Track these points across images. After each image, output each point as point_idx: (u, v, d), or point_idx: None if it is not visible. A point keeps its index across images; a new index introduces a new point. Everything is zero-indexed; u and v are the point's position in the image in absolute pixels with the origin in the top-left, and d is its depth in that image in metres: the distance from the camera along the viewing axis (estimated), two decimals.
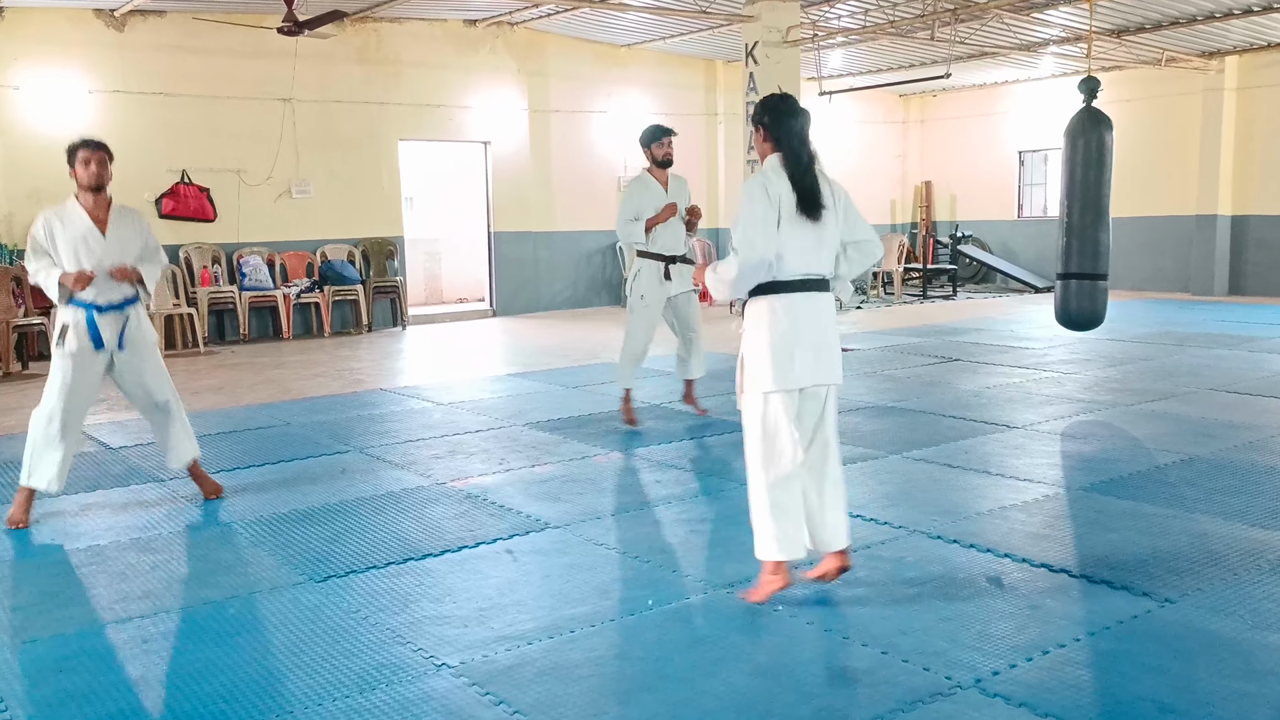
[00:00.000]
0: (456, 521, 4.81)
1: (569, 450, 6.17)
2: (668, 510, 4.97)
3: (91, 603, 3.90)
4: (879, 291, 16.49)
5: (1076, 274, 8.42)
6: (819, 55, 13.84)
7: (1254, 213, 14.69)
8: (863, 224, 3.81)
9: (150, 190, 11.26)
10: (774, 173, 3.65)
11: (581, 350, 10.51)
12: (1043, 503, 4.92)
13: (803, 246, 3.62)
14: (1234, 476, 5.29)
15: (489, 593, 3.91)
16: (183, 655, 3.42)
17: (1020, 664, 3.22)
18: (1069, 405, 7.23)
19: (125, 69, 11.09)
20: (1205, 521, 4.56)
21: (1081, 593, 3.80)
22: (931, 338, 11.01)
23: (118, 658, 3.41)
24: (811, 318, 3.66)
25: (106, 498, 5.33)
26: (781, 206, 3.58)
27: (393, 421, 7.16)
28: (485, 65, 13.62)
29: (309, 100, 12.23)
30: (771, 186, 3.60)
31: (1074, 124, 8.37)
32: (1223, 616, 3.54)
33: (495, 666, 3.27)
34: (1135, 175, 14.81)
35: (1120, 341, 10.30)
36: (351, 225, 12.74)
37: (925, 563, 4.12)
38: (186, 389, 8.50)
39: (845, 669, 3.23)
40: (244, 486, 5.48)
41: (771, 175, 3.65)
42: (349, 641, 3.49)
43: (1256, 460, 5.60)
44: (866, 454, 5.90)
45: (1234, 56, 14.34)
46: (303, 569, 4.20)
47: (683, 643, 3.43)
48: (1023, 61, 14.92)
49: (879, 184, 18.27)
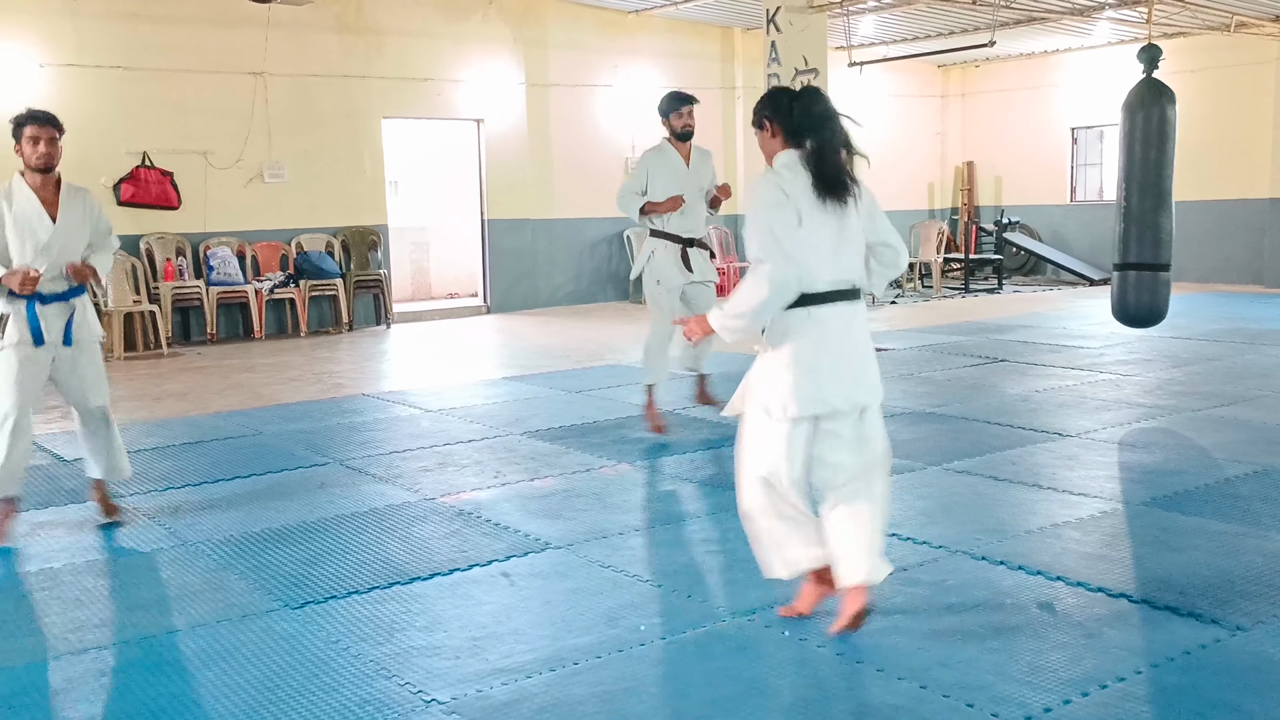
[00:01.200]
0: (447, 541, 4.81)
1: (572, 462, 6.16)
2: (682, 529, 4.96)
3: (43, 632, 3.91)
4: (916, 285, 16.47)
5: (1135, 264, 8.40)
6: (848, 21, 13.79)
7: None
8: (887, 226, 3.74)
9: (108, 174, 11.30)
10: (787, 169, 3.59)
11: (585, 351, 10.52)
12: (1099, 520, 4.90)
13: (827, 248, 3.53)
14: None
15: (483, 620, 3.91)
16: (144, 690, 3.42)
17: (1075, 699, 3.20)
18: (1128, 411, 7.20)
19: (80, 40, 11.13)
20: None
21: (1143, 620, 3.78)
22: (974, 336, 10.98)
23: (71, 693, 3.42)
24: (844, 331, 3.58)
25: (60, 515, 5.35)
26: (800, 204, 3.51)
27: (376, 430, 7.17)
28: (477, 34, 13.65)
29: (282, 74, 12.26)
30: (786, 183, 3.54)
31: (1133, 97, 8.35)
32: None
33: (490, 702, 3.27)
34: (1201, 154, 14.73)
35: (1185, 339, 10.26)
36: (330, 213, 12.78)
37: (968, 587, 4.10)
38: (147, 395, 8.55)
39: (880, 706, 3.22)
40: (212, 503, 5.49)
41: (785, 171, 3.59)
42: (329, 675, 3.49)
43: None
44: (903, 465, 5.87)
45: None
46: (277, 594, 4.20)
47: (699, 677, 3.42)
48: (1076, 28, 14.87)
49: (915, 165, 18.24)
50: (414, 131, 14.70)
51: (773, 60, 10.46)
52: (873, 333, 3.85)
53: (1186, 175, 10.79)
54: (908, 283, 16.37)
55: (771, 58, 10.47)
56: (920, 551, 4.50)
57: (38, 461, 6.42)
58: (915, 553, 4.48)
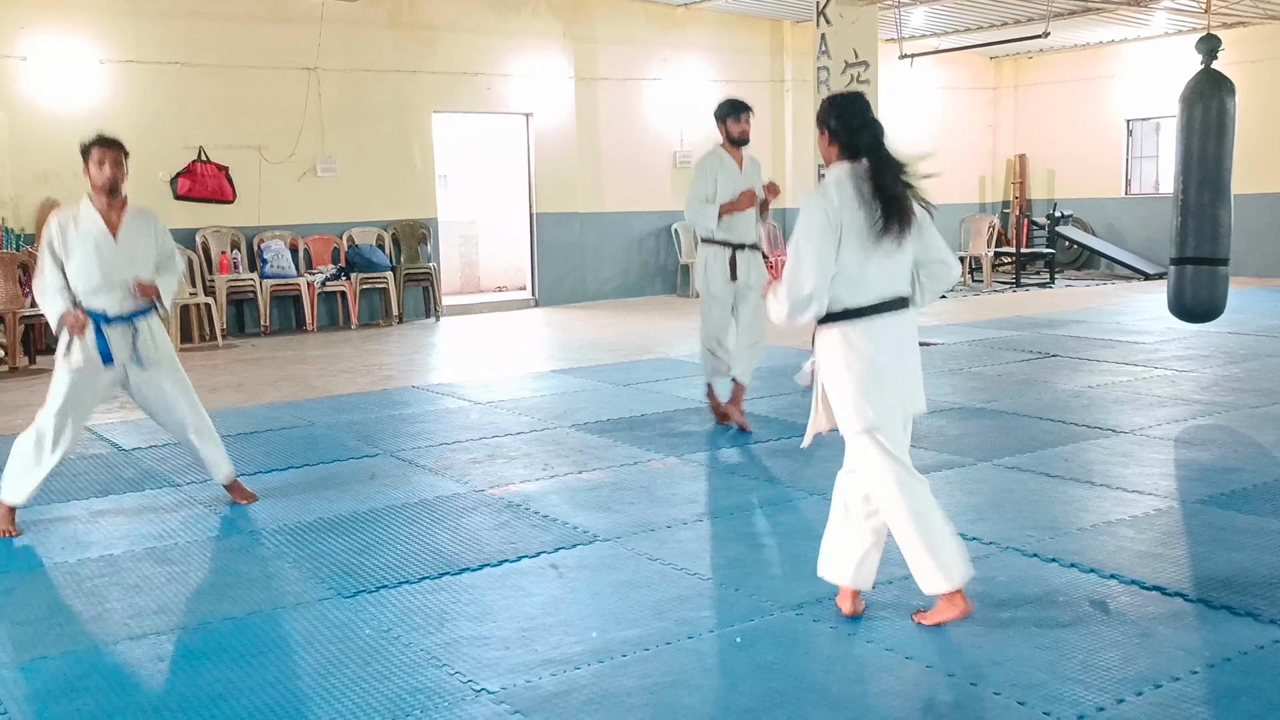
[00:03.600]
0: (496, 533, 4.84)
1: (620, 455, 6.18)
2: (730, 522, 4.96)
3: (104, 618, 3.98)
4: (966, 279, 16.31)
5: (1193, 259, 8.27)
6: (899, 14, 13.68)
7: None
8: (939, 242, 3.72)
9: (165, 169, 11.49)
10: (836, 187, 3.55)
11: (633, 344, 10.53)
12: (1154, 517, 4.84)
13: (878, 265, 3.54)
14: None
15: (532, 612, 3.93)
16: (201, 676, 3.48)
17: (1129, 699, 3.16)
18: (1184, 407, 7.09)
19: (139, 37, 11.31)
20: None
21: (1199, 619, 3.72)
22: (1026, 330, 10.86)
23: (132, 677, 3.49)
24: (895, 344, 3.60)
25: (119, 503, 5.45)
26: (847, 227, 3.49)
27: (426, 422, 7.23)
28: (527, 29, 13.69)
29: (335, 69, 12.38)
30: (831, 207, 3.51)
31: (1191, 88, 8.22)
32: None
33: (539, 693, 3.29)
34: (1261, 146, 14.46)
35: (1243, 335, 10.08)
36: (381, 206, 12.89)
37: (1020, 584, 4.07)
38: (203, 386, 8.65)
39: (930, 702, 3.20)
40: (266, 492, 5.56)
41: (833, 190, 3.55)
42: (380, 663, 3.53)
43: None
44: (953, 461, 5.84)
45: None
46: (330, 583, 4.25)
47: (746, 670, 3.42)
48: (1132, 18, 14.64)
49: (967, 158, 18.04)
50: (464, 126, 14.78)
51: (823, 53, 10.39)
52: (922, 326, 3.84)
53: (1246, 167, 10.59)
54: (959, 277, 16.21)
55: (821, 50, 10.39)
56: (971, 548, 4.45)
57: (97, 450, 6.56)
58: (967, 549, 4.44)
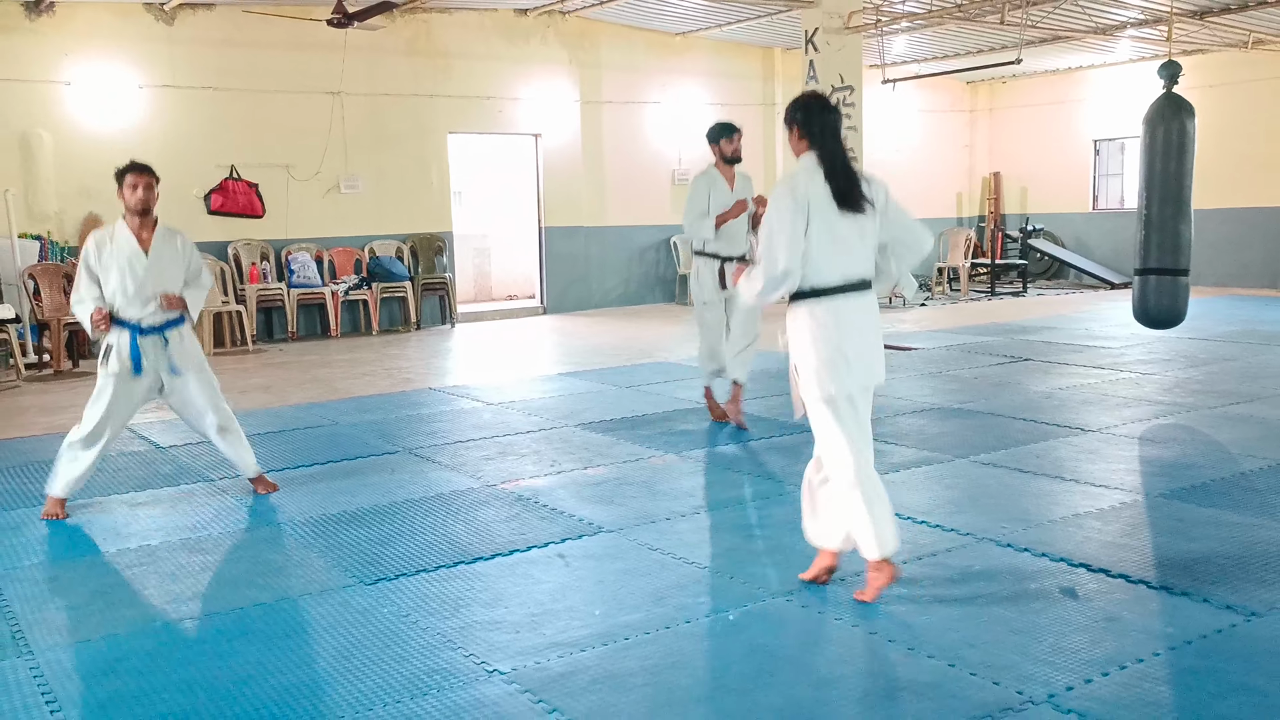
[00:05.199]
0: (507, 525, 4.85)
1: (622, 452, 6.18)
2: (725, 515, 4.96)
3: (142, 603, 4.00)
4: (944, 288, 16.30)
5: (1156, 269, 8.26)
6: (882, 41, 13.70)
7: None
8: (906, 215, 3.79)
9: (199, 186, 11.51)
10: (805, 173, 3.65)
11: (635, 349, 10.54)
12: (1119, 510, 4.84)
13: (841, 246, 3.62)
14: None
15: (541, 598, 3.93)
16: (233, 657, 3.49)
17: (1096, 679, 3.17)
18: (1147, 408, 7.09)
19: (174, 63, 11.34)
20: None
21: (1161, 605, 3.73)
22: (1000, 336, 10.86)
23: (168, 659, 3.49)
24: (857, 320, 3.69)
25: (156, 497, 5.46)
26: (812, 207, 3.58)
27: (441, 421, 7.24)
28: (536, 56, 13.70)
29: (358, 94, 12.40)
30: (799, 189, 3.60)
31: (1153, 111, 8.21)
32: None
33: (548, 674, 3.29)
34: (1219, 165, 14.44)
35: (1202, 340, 10.08)
36: (400, 221, 12.91)
37: (994, 572, 4.07)
38: (234, 388, 8.67)
39: (910, 682, 3.20)
40: (293, 486, 5.57)
41: (801, 176, 3.64)
42: (399, 646, 3.53)
43: None
44: (932, 458, 5.84)
45: None
46: (352, 571, 4.26)
47: (740, 652, 3.43)
48: (1099, 46, 14.64)
49: (944, 176, 18.05)
50: (477, 145, 14.78)
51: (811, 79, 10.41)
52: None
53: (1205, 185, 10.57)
54: (936, 286, 16.21)
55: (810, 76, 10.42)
56: (948, 538, 4.47)
57: (135, 448, 6.56)
58: (944, 539, 4.45)
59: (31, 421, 7.51)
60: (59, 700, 3.21)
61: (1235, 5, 12.50)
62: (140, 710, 3.13)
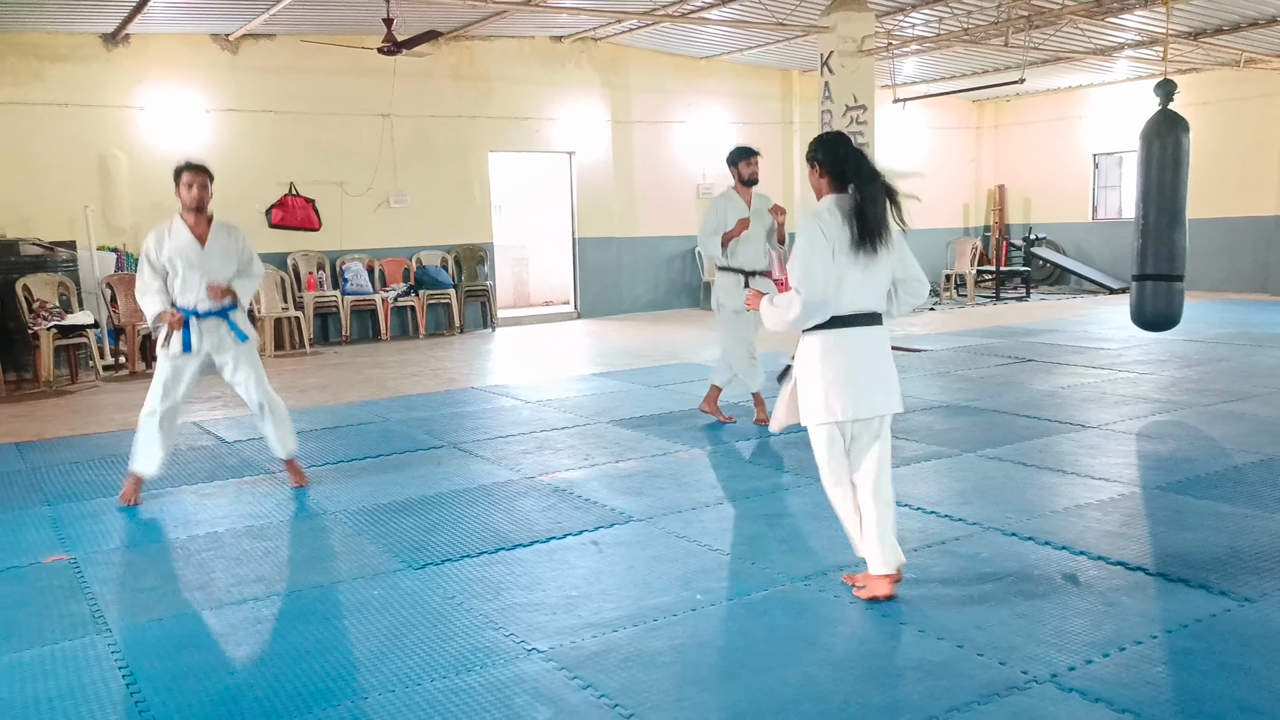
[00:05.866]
0: (545, 514, 4.86)
1: (651, 446, 6.18)
2: (747, 505, 4.95)
3: (210, 585, 4.04)
4: (952, 294, 16.18)
5: (1152, 275, 8.17)
6: (893, 63, 13.63)
7: None
8: (913, 262, 3.72)
9: (261, 201, 11.62)
10: (829, 213, 3.57)
11: (662, 351, 10.53)
12: (1118, 501, 4.79)
13: (857, 282, 3.55)
14: None
15: (576, 582, 3.94)
16: (292, 635, 3.52)
17: (1097, 660, 3.13)
18: (1145, 405, 7.01)
19: (238, 89, 11.45)
20: None
21: (1158, 591, 3.68)
22: (1005, 339, 10.76)
23: (233, 636, 3.53)
24: (867, 350, 3.61)
25: (222, 488, 5.52)
26: (836, 245, 3.50)
27: (483, 418, 7.26)
28: (570, 79, 13.73)
29: (406, 115, 12.47)
30: (827, 227, 3.52)
31: (1150, 127, 8.12)
32: None
33: (582, 652, 3.30)
34: (1212, 177, 14.26)
35: (1196, 342, 9.94)
36: (445, 233, 12.96)
37: (1000, 559, 4.04)
38: (294, 387, 8.76)
39: (921, 662, 3.19)
40: (347, 478, 5.61)
41: (826, 215, 3.56)
42: (445, 625, 3.55)
43: None
44: (941, 452, 5.80)
45: None
46: (402, 557, 4.29)
47: (762, 633, 3.42)
48: (1098, 66, 14.48)
49: (952, 188, 17.90)
50: (516, 163, 14.83)
51: (826, 99, 10.35)
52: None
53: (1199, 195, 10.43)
54: (945, 292, 16.09)
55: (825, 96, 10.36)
56: (957, 528, 4.44)
57: (204, 443, 6.63)
58: (952, 529, 4.42)
59: (108, 419, 7.61)
60: (134, 673, 3.25)
61: (1228, 26, 12.34)
62: (208, 683, 3.16)
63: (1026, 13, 10.82)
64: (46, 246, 9.94)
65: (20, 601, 3.91)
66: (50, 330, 9.14)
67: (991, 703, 2.89)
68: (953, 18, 11.57)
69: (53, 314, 9.30)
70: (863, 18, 10.21)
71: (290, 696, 3.06)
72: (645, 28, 12.56)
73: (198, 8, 10.13)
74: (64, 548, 4.55)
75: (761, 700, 2.95)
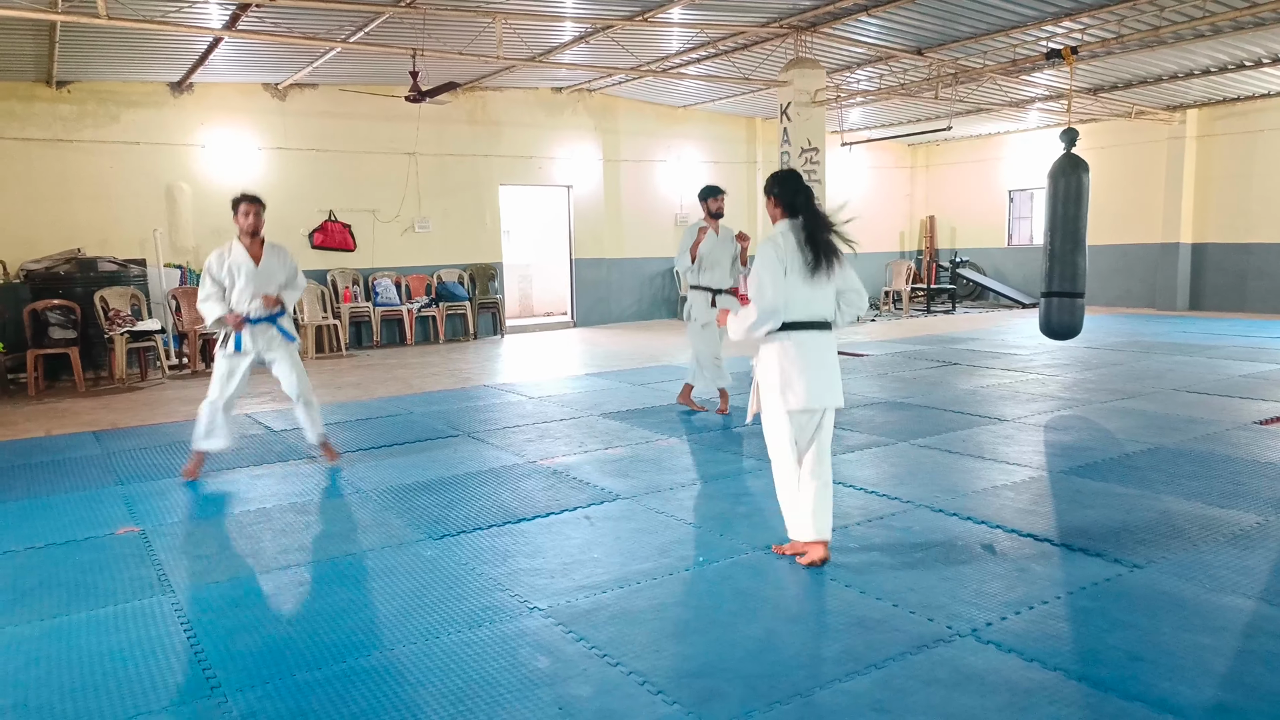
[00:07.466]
0: (545, 493, 4.85)
1: (636, 436, 6.18)
2: (716, 485, 4.96)
3: (259, 553, 4.02)
4: (889, 308, 16.24)
5: (1058, 292, 8.21)
6: (841, 112, 13.69)
7: (1211, 240, 14.18)
8: (854, 278, 3.71)
9: (305, 226, 11.56)
10: (782, 236, 3.58)
11: (645, 355, 10.52)
12: (1029, 483, 4.81)
13: (808, 295, 3.57)
14: (1193, 463, 5.12)
15: (571, 551, 3.94)
16: (330, 596, 3.51)
17: (1010, 616, 3.15)
18: (1051, 402, 7.05)
19: (286, 131, 11.39)
20: (1168, 500, 4.42)
21: (1062, 559, 3.71)
22: (934, 345, 10.80)
23: (280, 597, 3.51)
24: (816, 351, 3.61)
25: (270, 471, 5.48)
26: (789, 264, 3.52)
27: (493, 411, 7.24)
28: (568, 124, 13.71)
29: (429, 154, 12.42)
30: (779, 250, 3.53)
31: (1056, 167, 8.17)
32: (1183, 580, 3.43)
33: (576, 610, 3.30)
34: (1109, 210, 14.40)
35: (1095, 349, 10.01)
36: (461, 253, 12.92)
37: (929, 532, 4.06)
38: (331, 384, 8.71)
39: (863, 618, 3.20)
40: (377, 462, 5.58)
41: (779, 239, 3.57)
42: (460, 587, 3.54)
43: (1213, 450, 5.41)
44: (879, 441, 5.82)
45: (1194, 110, 13.85)
46: (423, 529, 4.27)
47: (728, 594, 3.42)
48: (1013, 116, 14.58)
49: (890, 218, 17.99)
50: (522, 195, 14.80)
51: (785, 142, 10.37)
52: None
53: (1097, 225, 10.53)
54: (884, 306, 16.14)
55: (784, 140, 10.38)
56: (892, 505, 4.46)
57: (254, 432, 6.59)
58: (889, 506, 4.44)
59: (174, 411, 7.55)
60: (194, 629, 3.23)
61: (1121, 84, 12.45)
62: (259, 636, 3.15)
63: (953, 71, 10.89)
64: (121, 264, 9.86)
65: (97, 566, 3.88)
66: (124, 335, 9.07)
67: (921, 653, 2.90)
68: (891, 75, 11.63)
69: (126, 321, 9.23)
70: (815, 74, 10.25)
71: (327, 648, 3.04)
72: (632, 81, 12.56)
73: (252, 61, 10.07)
74: (134, 521, 4.51)
75: (727, 651, 2.95)
